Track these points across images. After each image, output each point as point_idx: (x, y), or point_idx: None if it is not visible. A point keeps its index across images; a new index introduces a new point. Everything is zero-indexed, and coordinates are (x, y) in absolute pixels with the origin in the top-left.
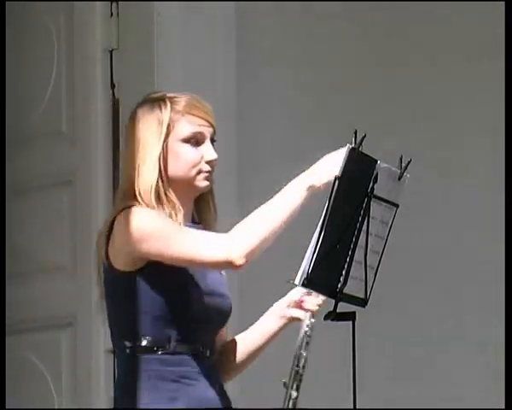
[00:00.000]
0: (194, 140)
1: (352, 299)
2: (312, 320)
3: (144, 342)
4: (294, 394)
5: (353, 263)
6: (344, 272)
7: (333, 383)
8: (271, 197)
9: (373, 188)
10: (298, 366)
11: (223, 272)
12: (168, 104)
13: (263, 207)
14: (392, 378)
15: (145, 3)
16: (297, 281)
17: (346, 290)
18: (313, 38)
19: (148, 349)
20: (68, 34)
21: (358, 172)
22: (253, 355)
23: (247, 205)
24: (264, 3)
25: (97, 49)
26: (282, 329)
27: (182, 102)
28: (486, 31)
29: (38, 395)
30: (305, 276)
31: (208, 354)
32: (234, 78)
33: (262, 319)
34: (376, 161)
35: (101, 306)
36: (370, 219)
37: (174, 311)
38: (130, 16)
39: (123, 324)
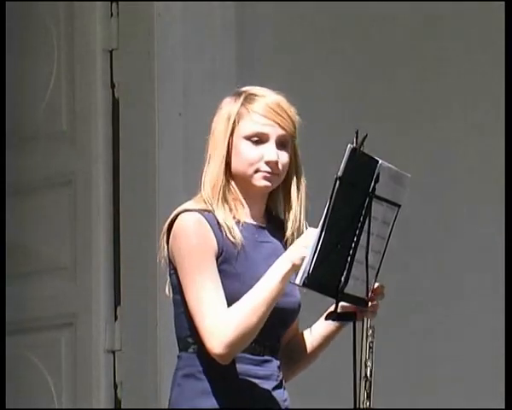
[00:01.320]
0: (257, 139)
1: (353, 299)
2: (371, 329)
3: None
4: (367, 402)
5: (354, 263)
6: (345, 272)
7: (333, 383)
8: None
9: (374, 188)
10: (365, 374)
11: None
12: (241, 99)
13: (249, 296)
14: (392, 378)
15: (145, 3)
16: (298, 281)
17: (347, 290)
18: (313, 38)
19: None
20: (68, 34)
21: (360, 172)
22: (316, 351)
23: None
24: (263, 4)
25: (97, 49)
26: (339, 328)
27: (256, 100)
28: (486, 30)
29: (38, 395)
30: (306, 276)
31: (272, 353)
32: (234, 78)
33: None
34: (378, 161)
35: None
36: (372, 220)
37: None
38: (130, 16)
39: (181, 322)
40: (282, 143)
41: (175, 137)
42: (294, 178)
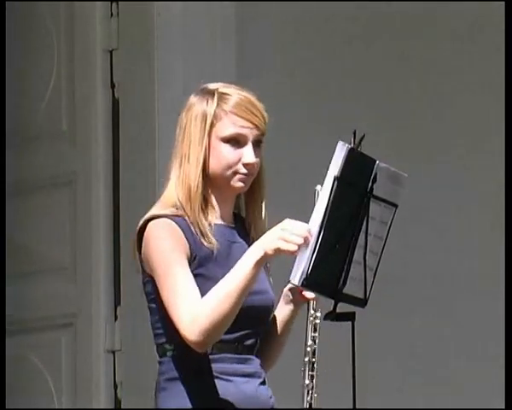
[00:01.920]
0: (235, 141)
1: (351, 299)
2: (318, 309)
3: (184, 343)
4: (308, 383)
5: (352, 263)
6: (343, 273)
7: (333, 383)
8: (269, 194)
9: (372, 188)
10: (308, 355)
11: (264, 269)
12: (215, 99)
13: (219, 285)
14: (392, 378)
15: (145, 3)
16: (297, 281)
17: (345, 291)
18: (314, 38)
19: (189, 349)
20: (68, 34)
21: (357, 172)
22: (282, 340)
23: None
24: (264, 4)
25: (97, 49)
26: (294, 312)
27: (231, 100)
28: (486, 30)
29: (38, 395)
30: (304, 276)
31: (251, 350)
32: (234, 78)
33: (279, 305)
34: (375, 161)
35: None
36: (369, 220)
37: None
38: (130, 16)
39: (163, 325)
40: (257, 144)
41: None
42: (259, 175)
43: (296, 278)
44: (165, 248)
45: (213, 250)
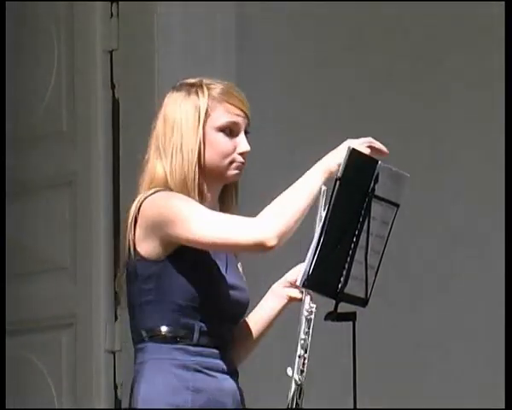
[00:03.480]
0: (229, 130)
1: (352, 299)
2: (313, 305)
3: (165, 331)
4: (297, 378)
5: (354, 263)
6: (344, 273)
7: (333, 383)
8: (268, 196)
9: (374, 188)
10: (300, 351)
11: (239, 267)
12: (205, 90)
13: (287, 192)
14: (392, 378)
15: (145, 3)
16: (298, 282)
17: (346, 290)
18: (314, 39)
19: (170, 339)
20: (68, 34)
21: (359, 172)
22: (258, 337)
23: (245, 201)
24: (264, 4)
25: (97, 49)
26: (282, 309)
27: (218, 89)
28: (486, 30)
29: (38, 395)
30: (305, 276)
31: (228, 346)
32: (234, 78)
33: (262, 300)
34: (377, 162)
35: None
36: (371, 219)
37: (198, 302)
38: (130, 16)
39: (145, 312)
40: (246, 132)
41: None
42: None
43: (298, 277)
44: (182, 198)
45: None
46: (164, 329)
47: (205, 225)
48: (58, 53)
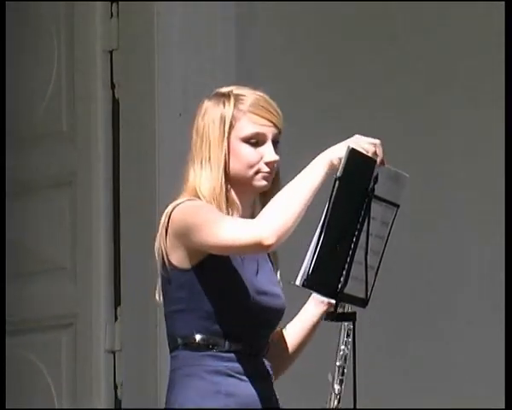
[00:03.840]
0: (255, 140)
1: (352, 299)
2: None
3: (198, 339)
4: (338, 388)
5: (354, 263)
6: (344, 273)
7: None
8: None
9: (373, 188)
10: (340, 360)
11: (278, 274)
12: (232, 101)
13: (287, 187)
14: (392, 378)
15: (145, 3)
16: (297, 282)
17: (346, 291)
18: (314, 38)
19: (202, 346)
20: (68, 34)
21: (359, 172)
22: (302, 344)
23: None
24: (264, 3)
25: (97, 49)
26: (322, 315)
27: (247, 100)
28: (486, 30)
29: (38, 395)
30: (305, 277)
31: (262, 351)
32: (234, 78)
33: (304, 307)
34: (376, 162)
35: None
36: (371, 220)
37: (228, 309)
38: (130, 16)
39: (179, 321)
40: (275, 142)
41: (175, 137)
42: (275, 175)
43: (297, 278)
44: (204, 206)
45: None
46: (198, 337)
47: (212, 230)
48: (58, 53)
